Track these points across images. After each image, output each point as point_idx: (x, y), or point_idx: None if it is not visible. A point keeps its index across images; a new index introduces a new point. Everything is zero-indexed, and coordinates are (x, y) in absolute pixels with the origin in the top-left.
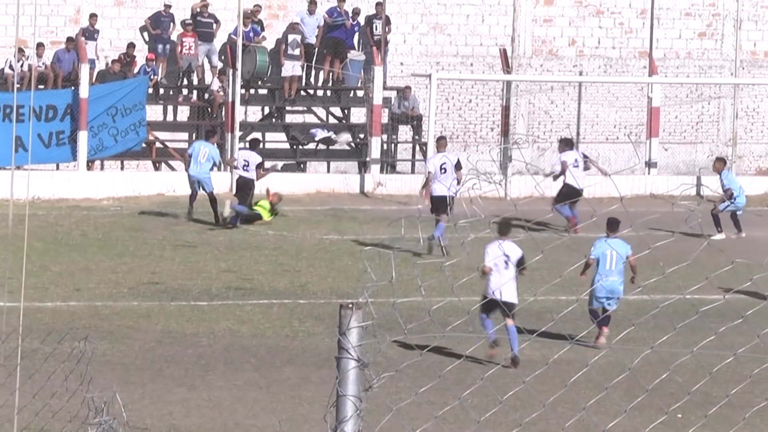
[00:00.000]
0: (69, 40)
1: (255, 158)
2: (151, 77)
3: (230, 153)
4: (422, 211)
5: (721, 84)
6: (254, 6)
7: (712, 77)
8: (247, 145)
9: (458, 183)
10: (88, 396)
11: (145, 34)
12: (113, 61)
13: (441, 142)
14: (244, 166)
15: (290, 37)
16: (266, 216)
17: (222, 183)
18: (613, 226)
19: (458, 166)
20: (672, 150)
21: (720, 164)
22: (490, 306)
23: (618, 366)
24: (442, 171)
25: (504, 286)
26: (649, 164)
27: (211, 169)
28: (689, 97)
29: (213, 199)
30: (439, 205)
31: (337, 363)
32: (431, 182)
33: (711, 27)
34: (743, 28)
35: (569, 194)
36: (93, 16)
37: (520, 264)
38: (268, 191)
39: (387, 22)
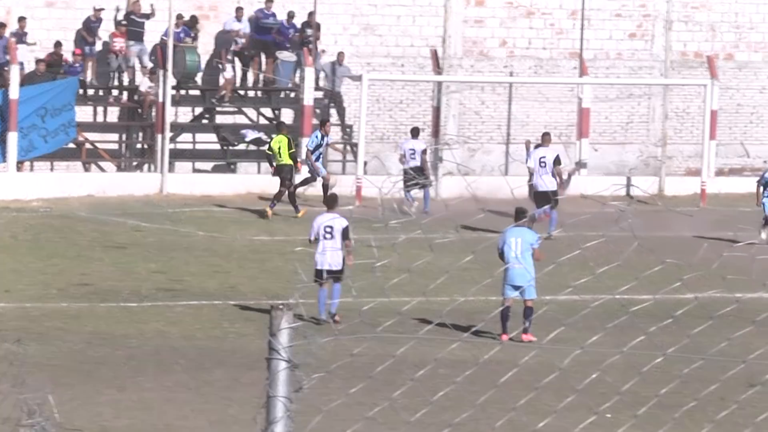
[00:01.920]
0: None
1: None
2: (78, 73)
3: (160, 154)
4: (354, 212)
5: (651, 84)
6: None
7: (642, 78)
8: None
9: (556, 177)
10: (21, 398)
11: (73, 33)
12: (38, 61)
13: (546, 138)
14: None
15: (221, 40)
16: None
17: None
18: (519, 215)
19: (557, 161)
20: (602, 150)
21: None
22: (322, 276)
23: (548, 366)
24: (542, 165)
25: (331, 256)
26: (580, 164)
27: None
28: (619, 97)
29: None
30: (541, 200)
31: (267, 364)
32: (532, 178)
33: (641, 28)
34: (673, 29)
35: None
36: (22, 19)
37: (345, 235)
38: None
39: (318, 29)
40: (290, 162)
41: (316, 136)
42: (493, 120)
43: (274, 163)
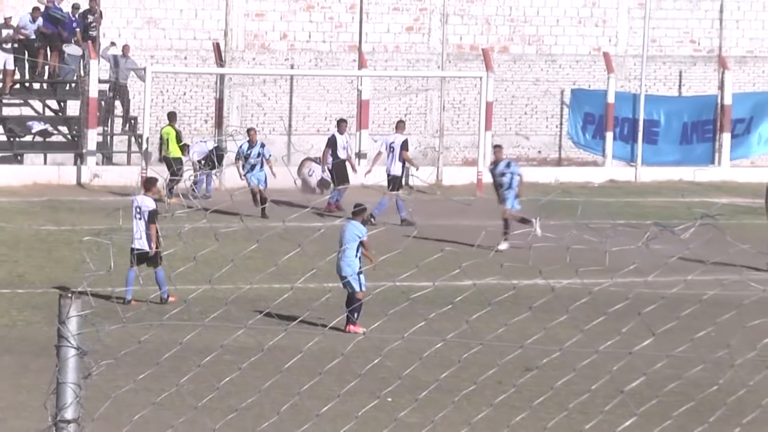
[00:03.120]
0: None
1: None
2: None
3: None
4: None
5: (429, 77)
6: None
7: (419, 70)
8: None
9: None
10: None
11: None
12: None
13: (399, 126)
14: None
15: (3, 32)
16: None
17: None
18: (355, 210)
19: (404, 146)
20: (381, 141)
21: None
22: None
23: (331, 352)
24: (391, 151)
25: (140, 239)
26: (360, 155)
27: None
28: (398, 89)
29: None
30: (394, 184)
31: (56, 351)
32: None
33: (418, 21)
34: (449, 22)
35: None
36: None
37: (151, 217)
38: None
39: (101, 16)
40: (178, 154)
41: (242, 146)
42: (275, 112)
43: (163, 153)
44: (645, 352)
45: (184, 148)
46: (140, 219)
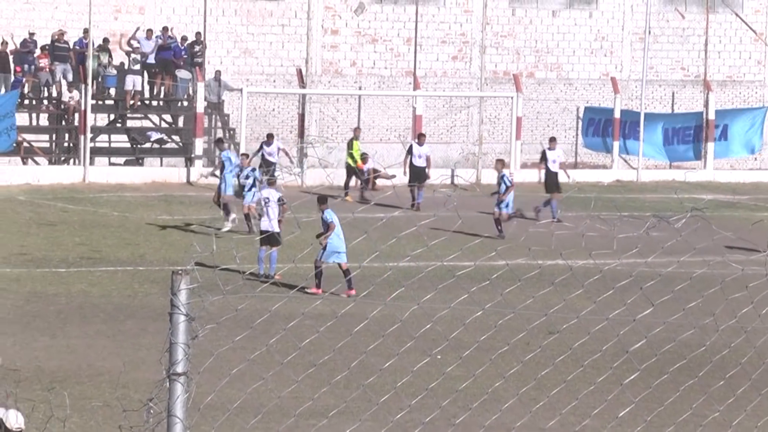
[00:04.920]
0: None
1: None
2: (21, 85)
3: (82, 151)
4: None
5: (470, 96)
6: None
7: (462, 91)
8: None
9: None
10: None
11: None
12: None
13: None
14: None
15: (132, 56)
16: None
17: None
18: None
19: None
20: (432, 148)
21: (500, 164)
22: (265, 239)
23: (391, 318)
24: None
25: (272, 222)
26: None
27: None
28: (445, 107)
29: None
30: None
31: (169, 317)
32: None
33: (462, 52)
34: (487, 53)
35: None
36: None
37: (281, 201)
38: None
39: (205, 47)
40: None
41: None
42: (346, 124)
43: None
44: (645, 319)
45: (364, 158)
46: (268, 206)
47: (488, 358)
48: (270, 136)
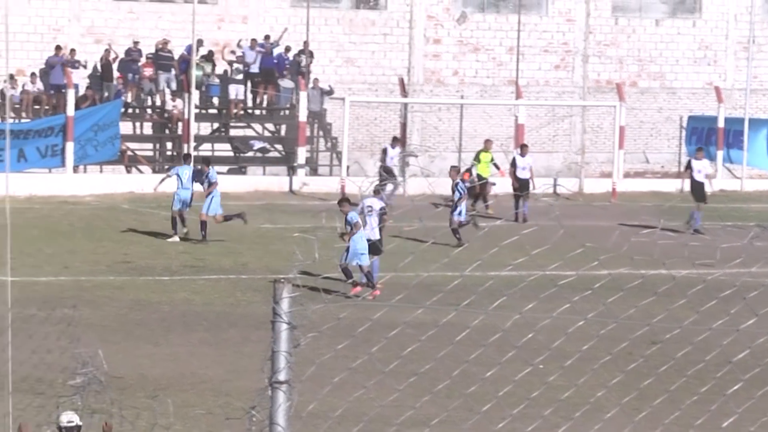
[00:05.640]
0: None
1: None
2: (123, 94)
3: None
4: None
5: (572, 105)
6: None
7: (565, 100)
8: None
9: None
10: (76, 352)
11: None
12: (87, 87)
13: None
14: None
15: (234, 66)
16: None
17: None
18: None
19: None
20: (534, 157)
21: (454, 173)
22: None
23: (492, 328)
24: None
25: (373, 231)
26: (514, 164)
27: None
28: (547, 116)
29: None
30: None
31: (272, 325)
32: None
33: (564, 61)
34: (589, 62)
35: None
36: (73, 51)
37: (383, 210)
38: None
39: (310, 56)
40: (485, 173)
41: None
42: (447, 133)
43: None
44: (749, 329)
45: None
46: (370, 216)
47: (590, 368)
48: (396, 140)
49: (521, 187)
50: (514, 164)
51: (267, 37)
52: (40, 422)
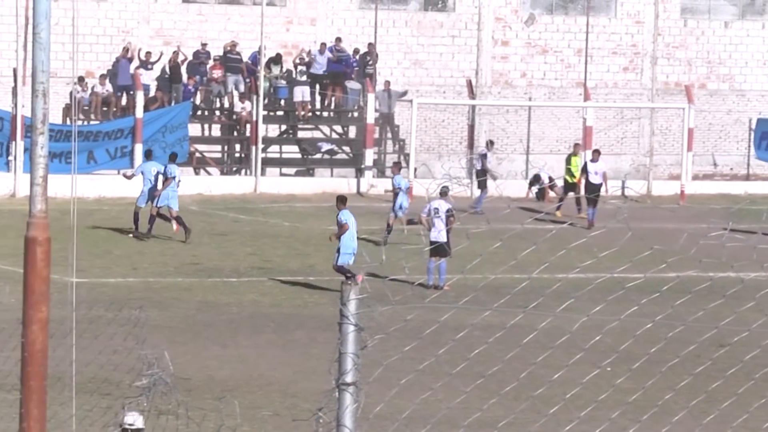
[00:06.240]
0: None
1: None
2: (192, 95)
3: (254, 161)
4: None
5: (641, 107)
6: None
7: (633, 102)
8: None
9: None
10: (142, 353)
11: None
12: (156, 89)
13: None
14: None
15: (299, 68)
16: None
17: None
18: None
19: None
20: (602, 160)
21: (396, 168)
22: (434, 250)
23: (559, 330)
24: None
25: (440, 233)
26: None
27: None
28: (615, 118)
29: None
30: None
31: (339, 327)
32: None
33: (633, 63)
34: (658, 63)
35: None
36: (148, 53)
37: (449, 212)
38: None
39: (377, 58)
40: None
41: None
42: (515, 135)
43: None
44: None
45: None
46: (438, 218)
47: (658, 371)
48: (491, 143)
49: (592, 192)
50: (585, 170)
51: (338, 40)
52: (106, 422)
